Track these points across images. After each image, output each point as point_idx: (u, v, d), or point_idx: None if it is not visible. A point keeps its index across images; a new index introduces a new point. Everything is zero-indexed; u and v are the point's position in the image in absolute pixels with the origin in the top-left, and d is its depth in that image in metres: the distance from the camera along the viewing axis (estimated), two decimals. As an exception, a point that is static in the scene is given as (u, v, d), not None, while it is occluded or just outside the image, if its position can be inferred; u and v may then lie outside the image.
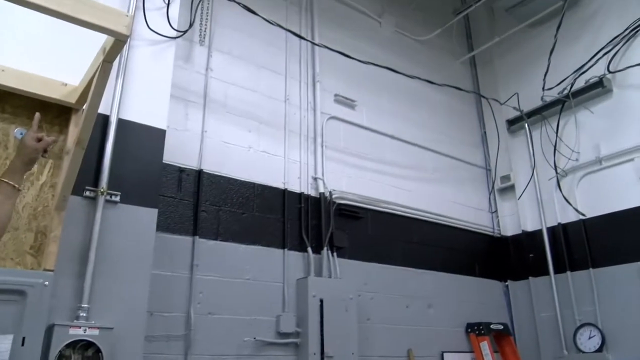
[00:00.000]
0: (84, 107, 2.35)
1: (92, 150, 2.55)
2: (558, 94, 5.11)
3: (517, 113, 5.48)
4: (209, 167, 3.50)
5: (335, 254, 3.91)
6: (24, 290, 2.16)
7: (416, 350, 4.17)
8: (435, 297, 4.54)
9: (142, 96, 2.86)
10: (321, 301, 3.56)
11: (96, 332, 2.32)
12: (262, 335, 3.36)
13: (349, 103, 4.59)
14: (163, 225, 3.13)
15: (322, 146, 4.20)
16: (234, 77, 3.89)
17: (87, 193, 2.54)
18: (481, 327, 4.62)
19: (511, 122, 5.61)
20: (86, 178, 2.53)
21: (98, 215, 2.51)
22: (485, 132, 5.86)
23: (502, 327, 4.79)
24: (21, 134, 2.40)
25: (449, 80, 5.38)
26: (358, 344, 3.66)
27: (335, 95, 4.51)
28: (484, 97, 5.80)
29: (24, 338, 2.10)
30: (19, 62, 2.39)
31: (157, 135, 2.85)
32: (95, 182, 2.57)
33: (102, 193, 2.56)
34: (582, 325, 4.54)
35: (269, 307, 3.47)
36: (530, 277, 5.04)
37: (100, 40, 2.09)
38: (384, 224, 4.42)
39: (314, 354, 3.40)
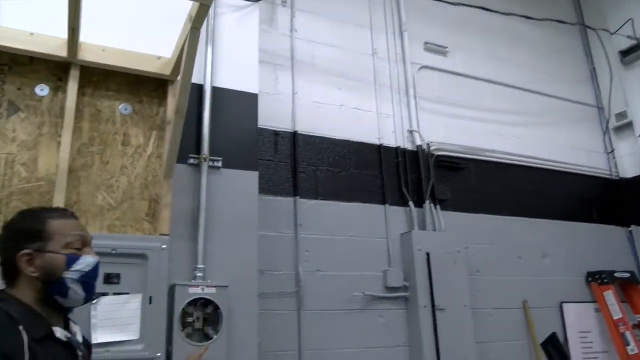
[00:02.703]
0: (178, 77, 2.43)
1: (191, 119, 2.65)
2: (682, 13, 4.51)
3: (632, 42, 4.94)
4: (302, 128, 3.52)
5: (438, 206, 3.79)
6: (145, 253, 2.32)
7: (532, 301, 3.98)
8: (549, 247, 4.28)
9: (232, 62, 2.90)
10: (427, 255, 3.48)
11: (213, 290, 2.44)
12: (370, 290, 3.37)
13: (440, 50, 4.37)
14: (264, 188, 3.20)
15: (415, 98, 4.05)
16: (319, 36, 3.84)
17: (191, 160, 2.64)
18: (604, 276, 4.31)
19: (625, 53, 5.10)
20: (189, 146, 2.64)
21: (203, 181, 2.62)
22: (594, 67, 5.37)
23: (628, 275, 4.42)
24: (125, 109, 2.54)
25: (549, 13, 4.96)
26: (469, 296, 3.55)
27: (425, 43, 4.31)
28: (590, 28, 5.29)
29: (150, 297, 2.27)
30: (115, 41, 2.51)
31: (250, 100, 2.90)
32: (198, 150, 2.67)
33: (205, 159, 2.65)
34: None
35: (374, 263, 3.46)
36: (657, 220, 4.59)
37: (187, 12, 2.14)
38: (488, 173, 4.21)
39: (425, 306, 3.35)
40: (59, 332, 1.30)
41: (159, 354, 2.22)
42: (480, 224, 4.00)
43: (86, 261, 1.37)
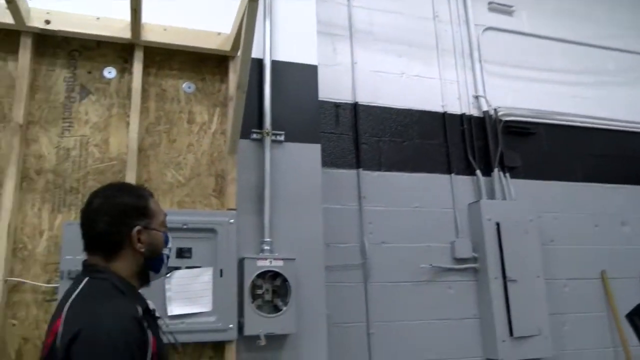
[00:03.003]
0: (238, 53, 2.43)
1: (252, 94, 2.66)
2: None
3: None
4: (363, 98, 3.45)
5: (507, 174, 3.64)
6: (215, 228, 2.37)
7: (611, 271, 3.76)
8: (630, 214, 4.02)
9: (290, 35, 2.87)
10: (497, 225, 3.36)
11: (280, 263, 2.47)
12: (438, 261, 3.30)
13: (505, 9, 4.12)
14: (327, 161, 3.17)
15: (479, 62, 3.86)
16: (377, 3, 3.71)
17: (254, 135, 2.66)
18: (694, 244, 4.00)
19: None
20: (251, 122, 2.65)
21: (267, 155, 2.63)
22: (682, 16, 4.88)
23: None
24: (189, 87, 2.58)
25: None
26: (543, 267, 3.41)
27: (489, 3, 4.07)
28: (677, -29, 4.79)
29: (221, 270, 2.34)
30: (176, 18, 2.54)
31: (309, 72, 2.87)
32: (260, 125, 2.68)
33: (268, 134, 2.66)
34: None
35: (441, 234, 3.38)
36: None
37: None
38: (561, 137, 3.97)
39: (495, 278, 3.25)
40: (150, 305, 1.37)
41: (231, 326, 2.28)
42: (553, 191, 3.80)
43: (170, 239, 1.46)
